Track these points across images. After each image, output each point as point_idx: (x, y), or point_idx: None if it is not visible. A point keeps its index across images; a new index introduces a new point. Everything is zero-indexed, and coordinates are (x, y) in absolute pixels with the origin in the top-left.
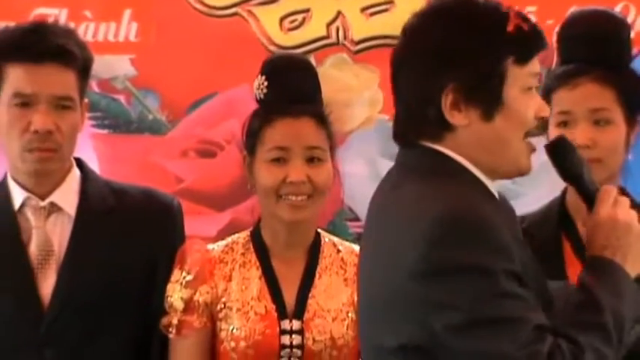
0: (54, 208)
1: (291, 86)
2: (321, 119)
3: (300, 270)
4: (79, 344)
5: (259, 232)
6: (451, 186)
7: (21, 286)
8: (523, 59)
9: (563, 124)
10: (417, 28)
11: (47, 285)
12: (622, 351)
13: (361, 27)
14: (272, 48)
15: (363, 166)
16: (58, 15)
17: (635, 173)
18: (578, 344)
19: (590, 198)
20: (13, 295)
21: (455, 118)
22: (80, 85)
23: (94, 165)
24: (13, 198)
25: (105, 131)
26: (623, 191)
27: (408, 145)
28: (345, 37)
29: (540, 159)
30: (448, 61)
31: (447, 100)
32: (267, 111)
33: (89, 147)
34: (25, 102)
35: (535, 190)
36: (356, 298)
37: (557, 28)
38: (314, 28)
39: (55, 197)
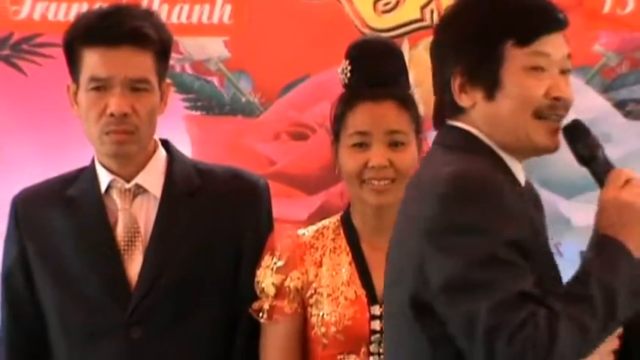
0: (139, 189)
1: (373, 70)
2: (405, 102)
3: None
4: (166, 325)
5: (349, 216)
6: (470, 156)
7: (108, 268)
8: (524, 41)
9: None
10: (440, 21)
11: (134, 266)
12: (616, 325)
13: None
14: (365, 30)
15: None
16: None
17: None
18: (556, 313)
19: (601, 180)
20: (100, 277)
21: (462, 100)
22: (158, 67)
23: (186, 147)
24: (100, 181)
25: (198, 113)
26: None
27: (438, 126)
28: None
29: (632, 148)
30: (455, 46)
31: (455, 84)
32: (351, 95)
33: (182, 129)
34: (100, 86)
35: None
36: None
37: None
38: (408, 11)
39: (140, 179)
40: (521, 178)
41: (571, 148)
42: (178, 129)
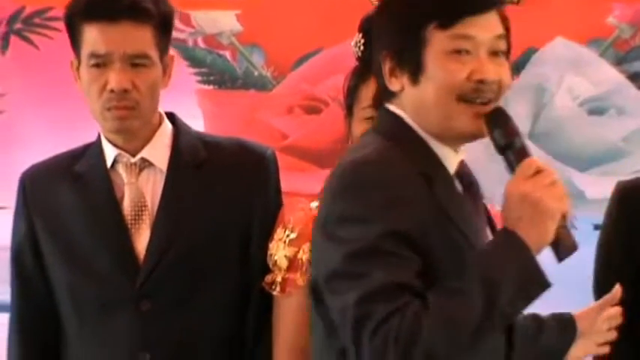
0: (145, 163)
1: None
2: None
3: None
4: (176, 298)
5: None
6: (386, 143)
7: (116, 242)
8: (445, 24)
9: None
10: (376, 5)
11: (142, 240)
12: (502, 320)
13: None
14: (375, 3)
15: None
16: None
17: None
18: (426, 307)
19: (514, 170)
20: (108, 251)
21: (392, 84)
22: (159, 41)
23: (199, 121)
24: (106, 156)
25: (210, 87)
26: None
27: (377, 109)
28: None
29: None
30: (383, 30)
31: (386, 68)
32: (364, 69)
33: (194, 103)
34: (100, 62)
35: None
36: None
37: None
38: None
39: (146, 153)
40: (452, 165)
41: (489, 134)
42: (190, 103)
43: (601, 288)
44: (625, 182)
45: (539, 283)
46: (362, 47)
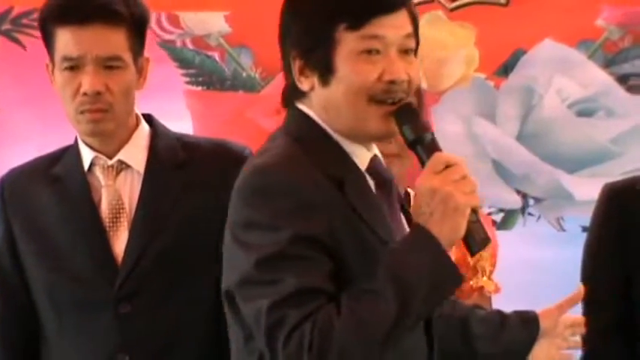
0: (122, 165)
1: None
2: None
3: None
4: (155, 300)
5: None
6: (292, 145)
7: (94, 245)
8: (355, 25)
9: None
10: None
11: (120, 242)
12: (415, 319)
13: None
14: None
15: (458, 124)
16: None
17: None
18: (338, 309)
19: (424, 165)
20: (87, 254)
21: (302, 83)
22: (132, 43)
23: (187, 122)
24: (83, 158)
25: (199, 88)
26: None
27: (285, 106)
28: None
29: (635, 122)
30: (290, 29)
31: (295, 67)
32: None
33: (182, 104)
34: (73, 65)
35: (632, 150)
36: None
37: None
38: None
39: (123, 155)
40: (363, 163)
41: (399, 130)
42: (179, 104)
43: (588, 287)
44: (612, 184)
45: (452, 280)
46: None
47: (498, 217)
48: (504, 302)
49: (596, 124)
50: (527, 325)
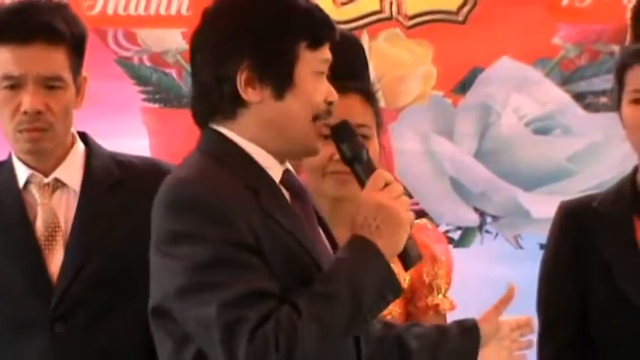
0: (58, 184)
1: (339, 63)
2: (369, 96)
3: None
4: (90, 319)
5: None
6: (208, 162)
7: (29, 264)
8: (315, 44)
9: (637, 101)
10: (217, 9)
11: (55, 261)
12: (362, 324)
13: (415, 1)
14: None
15: (416, 142)
16: None
17: None
18: (299, 311)
19: (363, 181)
20: (22, 273)
21: (249, 95)
22: (72, 62)
23: (144, 139)
24: (18, 176)
25: (156, 105)
26: None
27: (201, 126)
28: (398, 12)
29: (592, 140)
30: (245, 40)
31: (242, 77)
32: None
33: (139, 121)
34: (14, 84)
35: (588, 167)
36: (402, 275)
37: (630, 5)
38: (367, 3)
39: (59, 173)
40: (277, 175)
41: (337, 147)
42: (136, 121)
43: (545, 305)
44: (568, 202)
45: (395, 290)
46: None
47: (456, 235)
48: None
49: (553, 142)
50: (467, 333)
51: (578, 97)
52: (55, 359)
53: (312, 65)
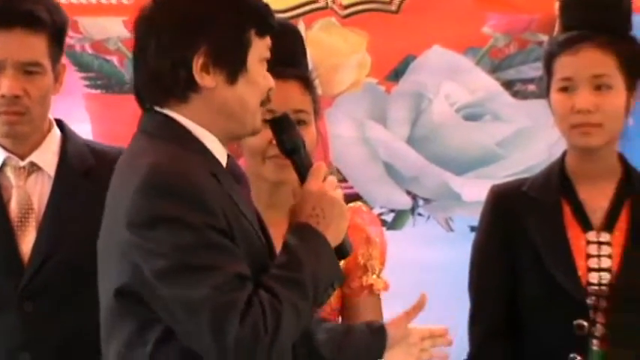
0: (34, 167)
1: (279, 50)
2: (307, 83)
3: (283, 230)
4: (58, 299)
5: None
6: (170, 146)
7: (1, 243)
8: (263, 32)
9: (565, 89)
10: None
11: (27, 241)
12: (315, 309)
13: None
14: None
15: (351, 127)
16: None
17: (634, 138)
18: (277, 296)
19: (302, 173)
20: None
21: (204, 80)
22: (52, 49)
23: (86, 124)
24: None
25: (98, 91)
26: (621, 157)
27: (148, 111)
28: (333, 1)
29: (520, 126)
30: (201, 26)
31: (197, 62)
32: None
33: (82, 106)
34: None
35: (517, 152)
36: None
37: None
38: None
39: (35, 157)
40: (223, 161)
41: (276, 138)
42: (78, 107)
43: (476, 285)
44: (499, 185)
45: (341, 280)
46: None
47: (389, 218)
48: (395, 301)
49: (482, 128)
50: (374, 333)
51: (507, 85)
52: (24, 336)
53: (260, 52)
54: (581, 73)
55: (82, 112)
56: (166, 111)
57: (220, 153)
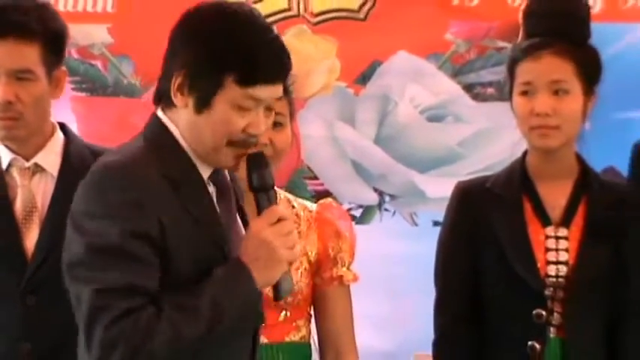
0: (38, 168)
1: None
2: (284, 88)
3: None
4: (59, 293)
5: None
6: (143, 149)
7: (6, 239)
8: (244, 82)
9: (525, 93)
10: (193, 14)
11: (31, 238)
12: (218, 339)
13: (320, 0)
14: None
15: (321, 128)
16: None
17: (591, 140)
18: (160, 315)
19: (259, 212)
20: None
21: (177, 98)
22: (46, 57)
23: (72, 125)
24: (2, 159)
25: (83, 94)
26: (578, 158)
27: (156, 106)
28: (305, 10)
29: (480, 127)
30: (189, 51)
31: (176, 81)
32: None
33: (68, 108)
34: None
35: (476, 152)
36: (309, 249)
37: (522, 6)
38: (276, 1)
39: (39, 159)
40: (206, 172)
41: (247, 173)
42: (65, 108)
43: (442, 276)
44: (464, 182)
45: (258, 316)
46: None
47: (357, 213)
48: (363, 292)
49: (445, 129)
50: (231, 268)
51: (468, 88)
52: (26, 327)
53: (236, 100)
54: (540, 79)
55: (68, 113)
56: (162, 114)
57: (203, 165)
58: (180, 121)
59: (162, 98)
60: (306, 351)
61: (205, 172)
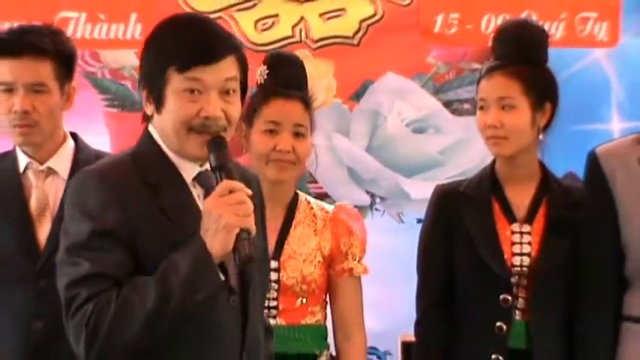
0: (50, 171)
1: (285, 75)
2: (307, 103)
3: (280, 221)
4: None
5: None
6: (126, 156)
7: (22, 231)
8: (182, 68)
9: (482, 107)
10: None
11: (43, 231)
12: (172, 313)
13: (319, 29)
14: (248, 45)
15: (320, 138)
16: (78, 18)
17: (552, 150)
18: (116, 297)
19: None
20: (16, 238)
21: (147, 108)
22: (58, 72)
23: (106, 137)
24: (19, 162)
25: (115, 110)
26: (540, 164)
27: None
28: (306, 37)
29: (457, 138)
30: (143, 61)
31: (143, 94)
32: (266, 92)
33: (102, 123)
34: (8, 88)
35: (454, 159)
36: (323, 245)
37: (491, 34)
38: (282, 30)
39: (52, 163)
40: (189, 175)
41: (209, 156)
42: (99, 123)
43: (422, 267)
44: (442, 185)
45: (211, 278)
46: (265, 76)
47: None
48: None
49: (427, 140)
50: (188, 245)
51: (447, 104)
52: (38, 308)
53: (179, 85)
54: (490, 95)
55: (102, 127)
56: (150, 127)
57: (187, 169)
58: (156, 127)
59: (145, 114)
60: (321, 332)
61: (189, 174)
